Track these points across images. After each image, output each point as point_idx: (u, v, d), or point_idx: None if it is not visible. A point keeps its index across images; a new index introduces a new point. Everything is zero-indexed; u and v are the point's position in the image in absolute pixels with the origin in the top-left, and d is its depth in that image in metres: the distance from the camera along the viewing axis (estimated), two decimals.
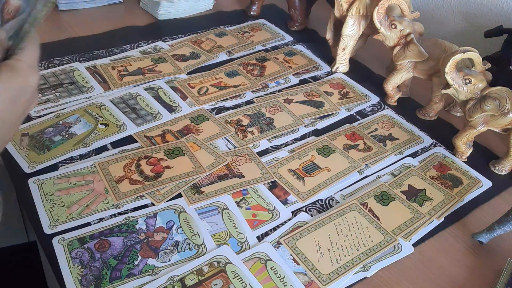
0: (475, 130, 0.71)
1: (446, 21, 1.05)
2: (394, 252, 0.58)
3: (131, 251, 0.55)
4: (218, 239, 0.57)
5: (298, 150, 0.72)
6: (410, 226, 0.62)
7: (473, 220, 0.65)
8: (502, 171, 0.73)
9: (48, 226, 0.56)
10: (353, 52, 0.92)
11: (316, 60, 0.94)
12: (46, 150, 0.66)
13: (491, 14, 0.96)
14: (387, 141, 0.76)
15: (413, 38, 0.76)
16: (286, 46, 0.98)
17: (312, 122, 0.78)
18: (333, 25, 0.90)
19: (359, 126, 0.78)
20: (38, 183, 0.62)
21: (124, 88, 0.80)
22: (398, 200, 0.65)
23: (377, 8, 0.76)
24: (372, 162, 0.71)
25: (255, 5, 1.08)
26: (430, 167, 0.72)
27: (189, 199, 0.61)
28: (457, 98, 0.71)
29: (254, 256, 0.56)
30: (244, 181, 0.65)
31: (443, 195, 0.67)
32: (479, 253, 0.60)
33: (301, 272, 0.55)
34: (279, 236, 0.58)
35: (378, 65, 0.95)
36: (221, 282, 0.52)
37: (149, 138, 0.71)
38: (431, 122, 0.82)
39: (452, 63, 0.68)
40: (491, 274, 0.58)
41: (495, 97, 0.68)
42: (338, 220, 0.61)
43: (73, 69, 0.83)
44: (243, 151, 0.70)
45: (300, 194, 0.65)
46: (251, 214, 0.61)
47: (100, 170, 0.64)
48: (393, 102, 0.85)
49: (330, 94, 0.85)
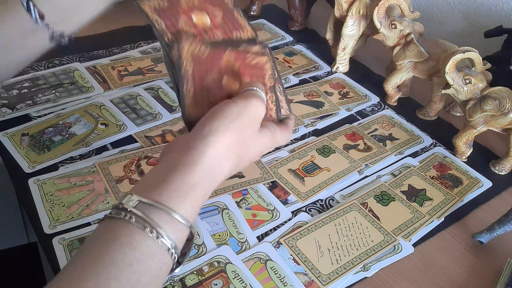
0: (475, 130, 0.71)
1: (446, 21, 1.05)
2: (394, 252, 0.58)
3: None
4: (218, 239, 0.57)
5: (298, 150, 0.72)
6: (410, 226, 0.62)
7: (473, 220, 0.65)
8: (502, 171, 0.73)
9: (48, 226, 0.56)
10: (353, 52, 0.92)
11: (316, 60, 0.94)
12: (46, 150, 0.66)
13: (491, 14, 0.96)
14: (387, 141, 0.76)
15: (413, 38, 0.76)
16: (286, 46, 0.98)
17: (312, 122, 0.78)
18: (333, 25, 0.90)
19: (359, 126, 0.78)
20: (38, 183, 0.62)
21: (124, 88, 0.80)
22: (398, 200, 0.65)
23: (377, 8, 0.76)
24: (372, 162, 0.71)
25: (255, 5, 1.08)
26: (430, 167, 0.72)
27: None
28: (457, 98, 0.71)
29: (254, 256, 0.56)
30: (244, 181, 0.65)
31: (443, 195, 0.67)
32: (479, 253, 0.60)
33: (301, 272, 0.55)
34: (279, 236, 0.58)
35: (378, 65, 0.95)
36: (221, 282, 0.52)
37: (149, 138, 0.71)
38: (431, 122, 0.82)
39: (452, 63, 0.68)
40: (491, 274, 0.58)
41: (495, 97, 0.68)
42: (338, 220, 0.61)
43: (73, 69, 0.83)
44: None
45: (300, 194, 0.65)
46: (251, 214, 0.61)
47: (100, 170, 0.64)
48: (393, 102, 0.85)
49: (330, 94, 0.85)
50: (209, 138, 0.39)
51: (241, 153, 0.41)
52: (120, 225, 0.34)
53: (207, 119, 0.40)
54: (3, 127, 0.70)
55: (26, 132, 0.69)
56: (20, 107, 0.73)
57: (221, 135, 0.39)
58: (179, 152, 0.39)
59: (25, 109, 0.73)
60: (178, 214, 0.35)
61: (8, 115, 0.72)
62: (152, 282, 0.34)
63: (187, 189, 0.37)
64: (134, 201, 0.35)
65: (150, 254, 0.34)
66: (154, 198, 0.35)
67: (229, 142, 0.40)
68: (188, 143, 0.39)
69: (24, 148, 0.66)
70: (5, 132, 0.69)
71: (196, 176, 0.37)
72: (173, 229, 0.35)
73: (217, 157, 0.39)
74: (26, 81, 0.78)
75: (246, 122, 0.41)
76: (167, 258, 0.35)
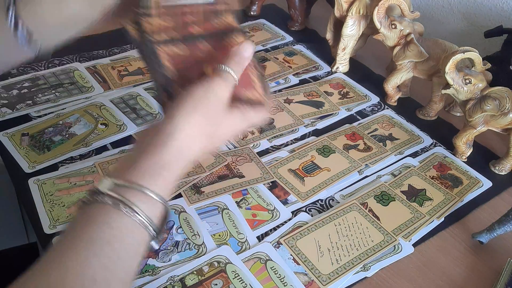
0: (475, 130, 0.71)
1: (446, 21, 1.05)
2: (394, 252, 0.58)
3: None
4: (218, 239, 0.57)
5: (298, 150, 0.72)
6: (410, 226, 0.62)
7: (473, 220, 0.65)
8: (502, 171, 0.73)
9: (48, 226, 0.56)
10: (353, 52, 0.92)
11: (316, 60, 0.94)
12: (46, 150, 0.66)
13: (491, 14, 0.96)
14: (387, 141, 0.76)
15: (413, 38, 0.76)
16: (286, 46, 0.98)
17: (312, 122, 0.78)
18: (333, 25, 0.90)
19: (359, 126, 0.78)
20: (38, 183, 0.62)
21: (124, 88, 0.80)
22: (398, 200, 0.65)
23: (377, 8, 0.76)
24: (372, 162, 0.71)
25: (255, 5, 1.08)
26: (430, 167, 0.72)
27: (189, 199, 0.62)
28: (457, 98, 0.71)
29: (254, 256, 0.56)
30: (244, 181, 0.65)
31: (443, 195, 0.67)
32: (479, 253, 0.60)
33: (301, 272, 0.55)
34: (279, 236, 0.58)
35: (378, 65, 0.95)
36: (221, 282, 0.52)
37: None
38: (431, 122, 0.82)
39: (452, 63, 0.68)
40: (491, 274, 0.58)
41: (495, 97, 0.68)
42: (338, 220, 0.61)
43: (73, 69, 0.83)
44: (243, 151, 0.70)
45: (300, 194, 0.65)
46: (251, 214, 0.61)
47: (100, 170, 0.64)
48: (393, 102, 0.85)
49: (330, 94, 0.85)
50: (177, 120, 0.40)
51: (210, 132, 0.43)
52: (97, 207, 0.36)
53: (175, 103, 0.42)
54: (3, 127, 0.70)
55: (26, 132, 0.69)
56: (20, 107, 0.73)
57: (188, 116, 0.40)
58: (150, 136, 0.40)
59: (25, 109, 0.73)
60: (151, 191, 0.37)
61: (8, 115, 0.72)
62: (131, 257, 0.36)
63: (158, 168, 0.38)
64: (108, 184, 0.37)
65: (127, 231, 0.36)
66: (127, 179, 0.37)
67: (197, 122, 0.41)
68: (158, 127, 0.40)
69: (24, 148, 0.66)
70: (5, 132, 0.69)
71: (167, 156, 0.39)
72: (148, 206, 0.37)
73: (186, 138, 0.40)
74: (26, 81, 0.79)
75: (213, 102, 0.42)
76: (144, 233, 0.37)
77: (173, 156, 0.39)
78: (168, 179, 0.39)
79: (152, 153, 0.39)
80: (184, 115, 0.40)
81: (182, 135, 0.40)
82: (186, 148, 0.40)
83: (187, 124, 0.40)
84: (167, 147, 0.39)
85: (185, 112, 0.41)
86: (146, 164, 0.38)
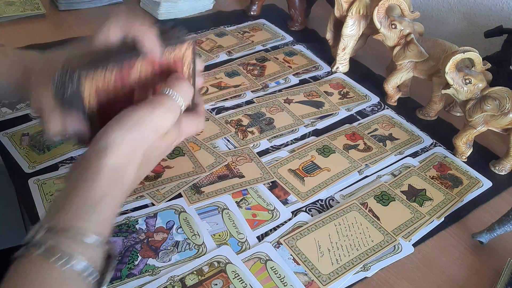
0: (475, 130, 0.71)
1: (446, 21, 1.05)
2: (394, 252, 0.58)
3: (131, 251, 0.55)
4: (218, 239, 0.57)
5: (298, 150, 0.72)
6: (410, 226, 0.62)
7: (473, 220, 0.65)
8: (502, 171, 0.73)
9: None
10: (353, 52, 0.92)
11: (316, 60, 0.94)
12: (46, 150, 0.66)
13: (491, 14, 0.96)
14: (387, 141, 0.76)
15: (413, 38, 0.76)
16: (286, 46, 0.98)
17: (312, 122, 0.78)
18: (333, 25, 0.90)
19: (359, 126, 0.78)
20: (38, 183, 0.62)
21: None
22: (398, 200, 0.65)
23: (377, 8, 0.76)
24: (372, 162, 0.71)
25: (255, 5, 1.08)
26: (430, 167, 0.72)
27: (189, 199, 0.62)
28: (457, 98, 0.71)
29: (254, 256, 0.56)
30: (244, 181, 0.65)
31: (443, 195, 0.67)
32: (479, 253, 0.60)
33: (301, 272, 0.55)
34: (279, 236, 0.58)
35: (378, 65, 0.95)
36: (221, 282, 0.52)
37: None
38: (431, 122, 0.82)
39: (452, 63, 0.68)
40: (491, 274, 0.58)
41: (495, 97, 0.68)
42: (338, 220, 0.61)
43: None
44: (243, 151, 0.70)
45: (300, 194, 0.65)
46: (251, 214, 0.61)
47: None
48: (393, 102, 0.85)
49: (330, 94, 0.85)
50: (107, 150, 0.38)
51: (146, 155, 0.40)
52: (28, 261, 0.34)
53: (104, 130, 0.39)
54: (3, 127, 0.70)
55: (26, 132, 0.69)
56: (20, 107, 0.73)
57: (118, 145, 0.38)
58: (80, 169, 0.38)
59: (25, 109, 0.73)
60: (85, 234, 0.35)
61: (8, 115, 0.72)
62: None
63: (91, 205, 0.36)
64: (41, 231, 0.35)
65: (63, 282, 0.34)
66: (58, 224, 0.35)
67: (129, 150, 0.39)
68: (88, 159, 0.38)
69: (24, 148, 0.67)
70: (5, 132, 0.69)
71: (99, 190, 0.37)
72: (84, 250, 0.35)
73: (119, 166, 0.38)
74: None
75: (150, 128, 0.40)
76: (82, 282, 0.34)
77: (107, 188, 0.37)
78: (104, 214, 0.37)
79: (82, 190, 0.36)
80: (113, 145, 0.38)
81: (113, 164, 0.38)
82: (121, 176, 0.38)
83: (117, 152, 0.38)
84: (98, 181, 0.37)
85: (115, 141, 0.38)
86: (77, 204, 0.36)
